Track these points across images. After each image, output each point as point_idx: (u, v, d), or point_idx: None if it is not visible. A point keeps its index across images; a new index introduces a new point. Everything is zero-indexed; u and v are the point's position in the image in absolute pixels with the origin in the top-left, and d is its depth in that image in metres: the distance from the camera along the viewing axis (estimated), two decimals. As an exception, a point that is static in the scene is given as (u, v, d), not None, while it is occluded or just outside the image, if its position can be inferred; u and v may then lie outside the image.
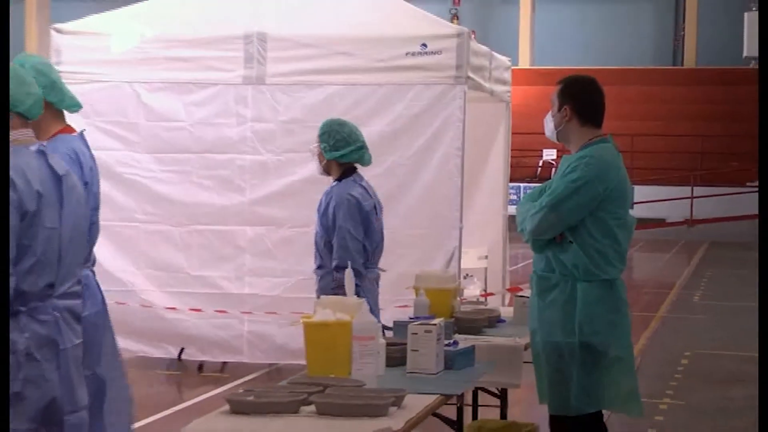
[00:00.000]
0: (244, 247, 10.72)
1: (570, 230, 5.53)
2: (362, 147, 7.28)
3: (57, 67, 10.73)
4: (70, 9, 29.30)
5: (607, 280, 5.55)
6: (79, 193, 4.38)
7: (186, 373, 10.90)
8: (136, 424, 8.69)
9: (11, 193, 4.06)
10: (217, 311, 10.70)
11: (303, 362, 6.99)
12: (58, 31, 11.01)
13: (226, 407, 4.39)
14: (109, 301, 10.17)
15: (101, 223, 10.89)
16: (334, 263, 7.08)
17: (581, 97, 5.71)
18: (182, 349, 10.85)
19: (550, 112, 5.74)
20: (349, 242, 7.10)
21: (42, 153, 4.30)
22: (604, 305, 5.53)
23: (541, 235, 5.57)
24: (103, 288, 5.32)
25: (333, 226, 7.12)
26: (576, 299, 5.51)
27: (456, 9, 35.78)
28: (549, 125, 5.74)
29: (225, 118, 10.72)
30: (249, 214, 10.68)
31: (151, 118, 10.84)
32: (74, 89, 10.70)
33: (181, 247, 10.80)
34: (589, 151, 5.63)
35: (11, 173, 4.10)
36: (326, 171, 7.35)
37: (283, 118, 10.61)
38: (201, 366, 10.97)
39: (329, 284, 7.05)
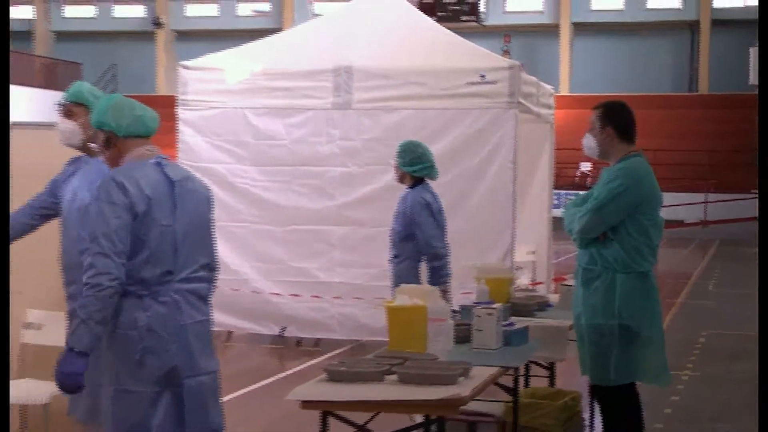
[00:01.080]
0: (334, 244, 10.75)
1: (611, 230, 5.48)
2: (432, 165, 7.42)
3: (182, 96, 11.05)
4: (191, 49, 29.57)
5: (642, 272, 5.49)
6: (196, 196, 4.37)
7: (287, 347, 10.92)
8: (248, 389, 8.81)
9: (123, 197, 4.12)
10: (312, 296, 10.74)
11: (382, 339, 6.98)
12: (185, 67, 11.14)
13: (324, 375, 4.39)
14: (225, 288, 10.43)
15: (219, 224, 11.12)
16: (429, 252, 7.17)
17: (619, 119, 5.65)
18: (284, 328, 10.89)
19: (589, 132, 5.67)
20: (430, 233, 7.16)
21: (159, 164, 4.32)
22: (640, 293, 5.46)
23: (586, 235, 5.52)
24: (220, 278, 5.30)
25: (412, 224, 7.19)
26: (615, 288, 5.45)
27: (507, 46, 35.58)
28: (590, 143, 5.67)
29: (317, 137, 10.75)
30: (338, 216, 10.71)
31: (258, 137, 10.90)
32: (196, 114, 11.04)
33: (282, 244, 10.85)
34: (627, 163, 5.58)
35: (124, 181, 4.16)
36: (401, 180, 7.43)
37: (365, 137, 10.62)
38: (299, 341, 10.99)
39: (403, 271, 7.09)
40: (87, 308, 4.07)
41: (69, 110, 5.30)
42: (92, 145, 4.50)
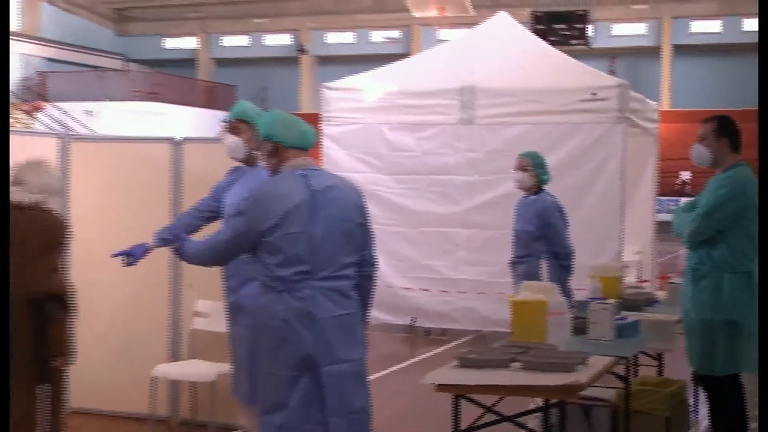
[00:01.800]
0: (460, 244, 10.73)
1: (719, 233, 5.33)
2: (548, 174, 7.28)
3: (326, 114, 11.17)
4: (331, 71, 29.88)
5: (747, 272, 5.32)
6: (340, 203, 4.35)
7: (417, 336, 10.93)
8: (384, 372, 8.85)
9: (258, 210, 4.23)
10: (440, 291, 10.74)
11: (501, 329, 6.92)
12: (328, 87, 11.25)
13: (456, 362, 4.37)
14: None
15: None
16: (564, 251, 7.09)
17: (732, 131, 5.53)
18: (414, 318, 10.90)
19: (700, 143, 5.53)
20: (563, 234, 7.10)
21: (304, 175, 4.35)
22: (745, 291, 5.30)
23: (696, 238, 5.38)
24: None
25: (546, 226, 7.09)
26: (723, 286, 5.30)
27: (612, 66, 35.00)
28: (702, 153, 5.51)
29: (445, 149, 10.74)
30: (463, 220, 10.68)
31: (392, 150, 10.95)
32: (338, 129, 11.16)
33: (414, 244, 10.87)
34: (734, 172, 5.43)
35: (263, 196, 4.28)
36: (529, 187, 7.21)
37: (487, 149, 10.56)
38: (428, 331, 10.99)
39: (532, 268, 6.96)
40: (202, 247, 4.49)
41: (235, 127, 5.39)
42: (257, 152, 4.57)
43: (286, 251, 4.18)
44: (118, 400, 5.10)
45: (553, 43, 13.39)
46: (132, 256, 5.28)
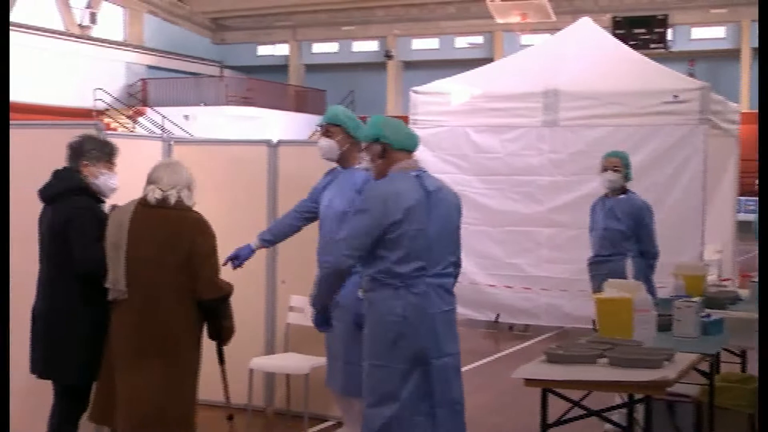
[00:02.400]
0: (542, 243, 10.65)
1: None
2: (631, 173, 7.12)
3: (413, 116, 11.17)
4: (416, 76, 29.88)
5: None
6: (447, 204, 4.43)
7: (500, 331, 10.87)
8: (470, 366, 8.82)
9: (381, 207, 4.23)
10: (523, 288, 10.68)
11: (583, 326, 6.79)
12: (415, 92, 11.29)
13: (543, 357, 4.32)
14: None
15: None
16: (654, 250, 6.95)
17: None
18: (498, 314, 10.86)
19: None
20: (654, 234, 6.97)
21: (418, 176, 4.38)
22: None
23: None
24: None
25: (638, 225, 6.95)
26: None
27: (692, 69, 34.30)
28: None
29: (529, 150, 10.68)
30: (545, 219, 10.60)
31: (477, 151, 10.93)
32: (425, 132, 11.18)
33: (497, 242, 10.83)
34: None
35: (384, 193, 4.28)
36: (618, 186, 7.00)
37: (571, 150, 10.46)
38: (511, 327, 10.92)
39: (620, 267, 6.77)
40: (317, 277, 4.55)
41: (327, 130, 5.42)
42: (363, 155, 4.60)
43: (406, 247, 4.22)
44: (217, 390, 5.16)
45: (632, 47, 13.19)
46: (238, 258, 5.37)
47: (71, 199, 4.84)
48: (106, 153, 4.97)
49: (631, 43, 28.58)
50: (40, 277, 4.96)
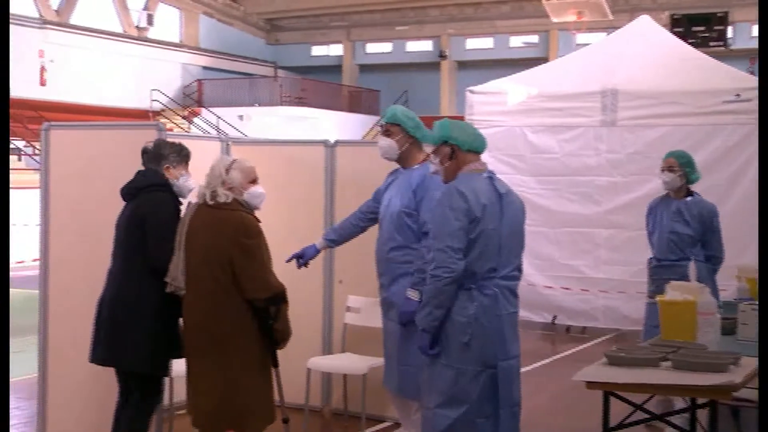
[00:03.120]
0: (600, 244, 10.57)
1: None
2: (696, 173, 6.89)
3: (469, 117, 11.14)
4: (469, 76, 29.79)
5: None
6: (514, 207, 4.46)
7: (557, 333, 10.81)
8: (527, 368, 8.76)
9: (463, 204, 4.23)
10: (581, 289, 10.61)
11: (641, 328, 6.69)
12: (471, 91, 11.27)
13: (604, 359, 4.28)
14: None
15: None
16: (718, 256, 6.73)
17: None
18: (555, 316, 10.81)
19: None
20: (720, 239, 6.76)
21: (490, 178, 4.44)
22: None
23: None
24: None
25: (708, 230, 6.72)
26: None
27: (752, 67, 33.79)
28: None
29: (586, 151, 10.62)
30: (603, 221, 10.52)
31: (534, 152, 10.89)
32: (482, 132, 11.12)
33: (554, 243, 10.78)
34: None
35: (464, 190, 4.25)
36: (676, 187, 6.76)
37: (629, 151, 10.37)
38: (568, 329, 10.86)
39: (684, 272, 6.60)
40: (428, 294, 4.26)
41: (387, 129, 5.43)
42: (432, 158, 4.61)
43: (481, 246, 4.25)
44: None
45: (691, 46, 13.01)
46: (303, 257, 5.42)
47: (153, 194, 5.00)
48: (183, 156, 5.16)
49: (690, 41, 28.15)
50: (111, 269, 5.10)
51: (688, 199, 6.77)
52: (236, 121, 30.00)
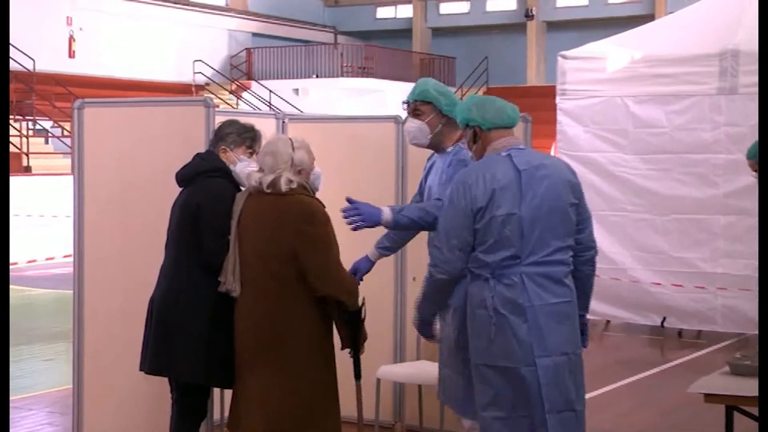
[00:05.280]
0: (718, 233, 10.47)
1: None
2: None
3: (561, 86, 11.11)
4: (560, 39, 29.58)
5: None
6: (549, 182, 4.46)
7: (666, 338, 10.72)
8: (631, 378, 8.72)
9: (463, 200, 4.40)
10: (695, 287, 10.51)
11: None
12: (564, 57, 11.23)
13: (725, 369, 4.25)
14: (604, 277, 10.35)
15: (597, 213, 11.01)
16: None
17: None
18: (664, 318, 10.73)
19: None
20: None
21: (509, 156, 4.50)
22: None
23: None
24: (598, 266, 5.08)
25: None
26: None
27: None
28: None
29: (701, 124, 10.51)
30: (722, 205, 10.41)
31: (638, 125, 10.82)
32: (575, 103, 11.07)
33: (662, 233, 10.71)
34: None
35: (469, 180, 4.43)
36: None
37: (753, 123, 10.13)
38: (680, 333, 10.77)
39: None
40: (425, 289, 4.69)
41: (416, 109, 5.33)
42: (464, 141, 4.64)
43: (493, 235, 4.37)
44: (348, 404, 5.25)
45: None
46: (357, 272, 5.39)
47: (209, 181, 5.06)
48: (246, 138, 5.21)
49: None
50: (164, 264, 5.19)
51: None
52: (291, 95, 30.27)
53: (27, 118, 22.48)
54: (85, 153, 6.21)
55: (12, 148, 19.70)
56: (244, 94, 30.41)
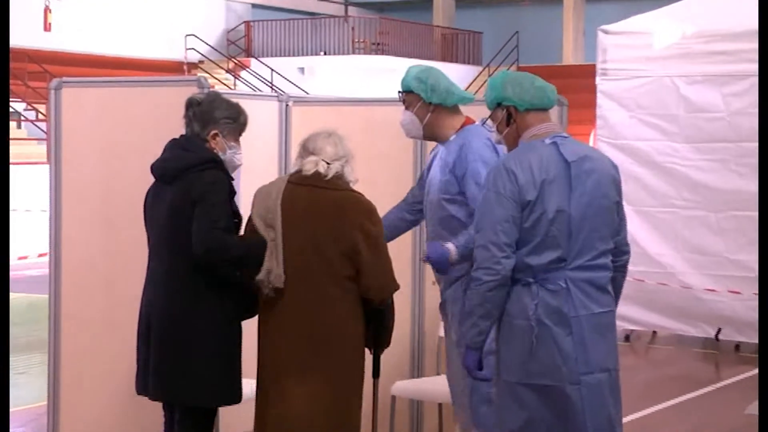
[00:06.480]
0: (781, 233, 10.40)
1: None
2: None
3: (602, 65, 11.08)
4: (601, 12, 29.49)
5: None
6: (596, 177, 4.45)
7: (722, 352, 10.72)
8: (680, 398, 8.69)
9: (511, 186, 4.34)
10: (755, 294, 10.43)
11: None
12: (605, 32, 11.24)
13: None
14: (649, 282, 10.34)
15: (642, 209, 10.96)
16: None
17: None
18: (719, 330, 10.68)
19: None
20: None
21: (554, 144, 4.46)
22: None
23: None
24: (643, 270, 5.12)
25: None
26: None
27: None
28: None
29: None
30: (785, 201, 10.35)
31: (690, 110, 10.80)
32: (618, 84, 11.05)
33: (717, 232, 10.68)
34: None
35: (515, 167, 4.37)
36: None
37: (821, 107, 10.17)
38: (737, 346, 10.73)
39: None
40: (469, 302, 4.46)
41: (404, 100, 5.49)
42: (488, 125, 4.64)
43: (541, 234, 4.34)
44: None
45: None
46: None
47: (202, 174, 4.98)
48: (240, 124, 5.18)
49: None
50: (152, 274, 5.10)
51: None
52: (295, 74, 30.25)
53: (-3, 99, 22.51)
54: (62, 139, 6.21)
55: (-20, 134, 19.71)
56: (243, 73, 30.42)
